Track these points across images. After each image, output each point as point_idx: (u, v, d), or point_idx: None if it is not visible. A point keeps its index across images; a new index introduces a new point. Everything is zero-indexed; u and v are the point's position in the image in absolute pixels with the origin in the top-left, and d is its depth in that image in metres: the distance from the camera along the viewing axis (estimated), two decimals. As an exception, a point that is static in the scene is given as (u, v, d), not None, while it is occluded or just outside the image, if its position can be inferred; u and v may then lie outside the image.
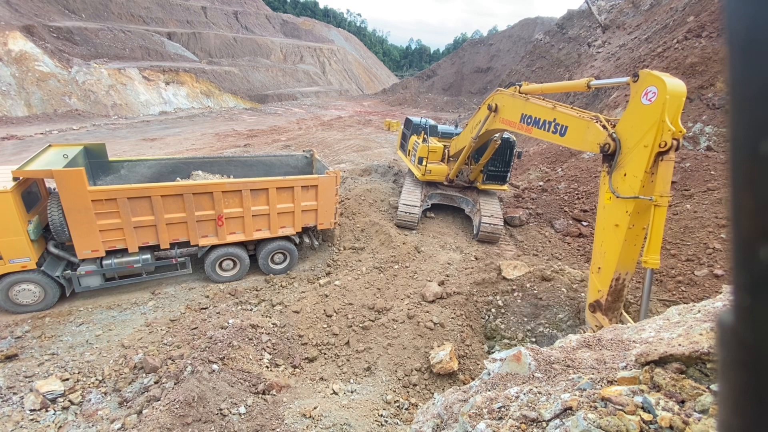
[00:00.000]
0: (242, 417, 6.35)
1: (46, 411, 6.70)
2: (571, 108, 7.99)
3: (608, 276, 6.75)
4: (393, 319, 8.75)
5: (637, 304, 8.78)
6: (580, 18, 33.81)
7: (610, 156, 6.58)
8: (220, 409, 6.33)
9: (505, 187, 14.51)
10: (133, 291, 10.08)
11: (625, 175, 6.35)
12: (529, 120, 8.67)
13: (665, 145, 5.84)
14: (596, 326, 6.94)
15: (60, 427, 6.50)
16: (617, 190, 6.43)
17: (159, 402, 6.28)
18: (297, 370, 7.92)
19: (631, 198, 6.19)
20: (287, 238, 11.07)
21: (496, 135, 12.03)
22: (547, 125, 8.08)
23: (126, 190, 8.92)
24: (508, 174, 14.25)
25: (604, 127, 6.77)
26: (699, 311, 3.76)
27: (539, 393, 2.76)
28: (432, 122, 16.04)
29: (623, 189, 6.37)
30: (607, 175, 6.63)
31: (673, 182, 13.12)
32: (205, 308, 9.66)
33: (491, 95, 10.40)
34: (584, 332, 6.96)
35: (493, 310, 8.96)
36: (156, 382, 7.27)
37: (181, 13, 54.32)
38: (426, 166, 13.65)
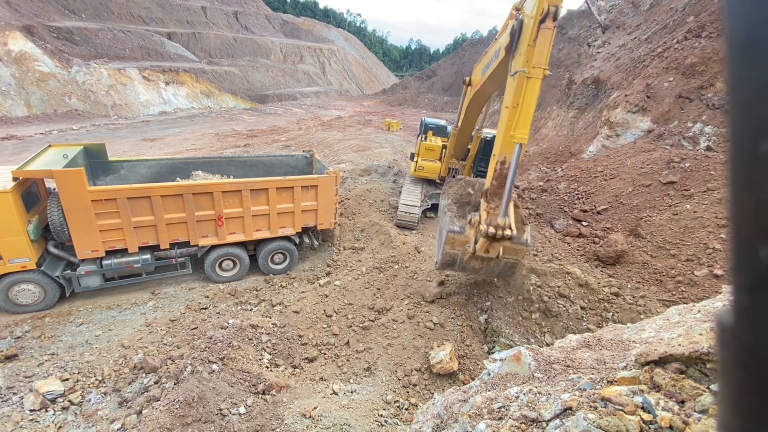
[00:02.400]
0: (242, 417, 6.35)
1: (46, 411, 6.69)
2: None
3: (495, 159, 6.78)
4: (393, 319, 8.75)
5: (637, 305, 8.78)
6: (579, 18, 33.81)
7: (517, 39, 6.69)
8: (220, 409, 6.33)
9: None
10: (133, 291, 10.08)
11: (520, 54, 6.43)
12: (486, 68, 8.98)
13: (543, 12, 5.90)
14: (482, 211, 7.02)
15: (60, 427, 6.50)
16: (510, 71, 6.50)
17: (159, 402, 6.27)
18: (297, 370, 7.91)
19: (514, 74, 6.26)
20: (287, 238, 11.07)
21: (478, 126, 12.16)
22: (492, 59, 8.28)
23: (126, 190, 8.92)
24: None
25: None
26: (699, 311, 3.76)
27: (539, 393, 2.76)
28: (442, 122, 16.05)
29: (514, 68, 6.43)
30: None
31: (672, 182, 13.15)
32: (205, 308, 9.66)
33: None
34: (470, 219, 6.93)
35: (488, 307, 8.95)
36: (156, 383, 7.26)
37: (181, 13, 54.33)
38: (417, 162, 13.74)
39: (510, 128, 6.42)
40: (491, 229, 6.38)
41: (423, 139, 14.09)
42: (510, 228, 6.51)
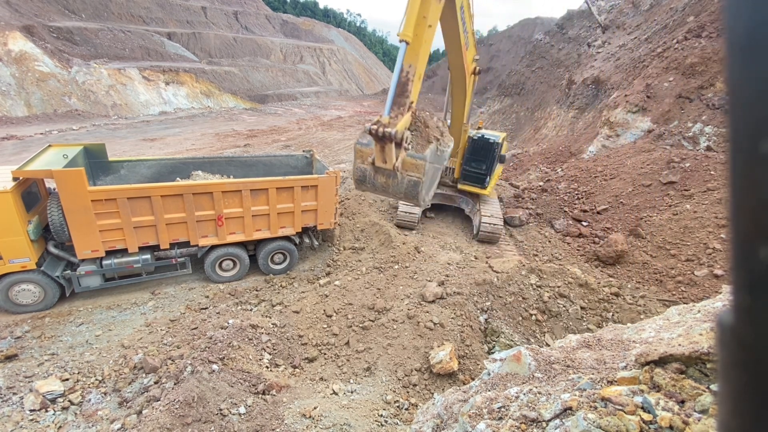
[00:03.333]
0: (242, 417, 6.35)
1: (46, 411, 6.69)
2: None
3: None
4: (393, 319, 8.75)
5: (637, 305, 8.78)
6: (580, 18, 33.82)
7: None
8: (220, 409, 6.33)
9: (486, 191, 13.83)
10: (133, 291, 10.08)
11: None
12: None
13: None
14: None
15: (60, 427, 6.50)
16: None
17: (159, 402, 6.27)
18: (297, 370, 7.91)
19: None
20: (287, 238, 11.07)
21: (465, 120, 12.48)
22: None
23: (126, 190, 8.91)
24: (488, 177, 13.58)
25: None
26: (699, 311, 3.76)
27: (539, 393, 2.76)
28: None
29: None
30: None
31: (672, 182, 13.17)
32: (205, 308, 9.66)
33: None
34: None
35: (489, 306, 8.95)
36: (156, 383, 7.26)
37: (181, 13, 54.33)
38: None
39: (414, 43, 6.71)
40: (373, 126, 6.27)
41: None
42: (392, 125, 6.34)
